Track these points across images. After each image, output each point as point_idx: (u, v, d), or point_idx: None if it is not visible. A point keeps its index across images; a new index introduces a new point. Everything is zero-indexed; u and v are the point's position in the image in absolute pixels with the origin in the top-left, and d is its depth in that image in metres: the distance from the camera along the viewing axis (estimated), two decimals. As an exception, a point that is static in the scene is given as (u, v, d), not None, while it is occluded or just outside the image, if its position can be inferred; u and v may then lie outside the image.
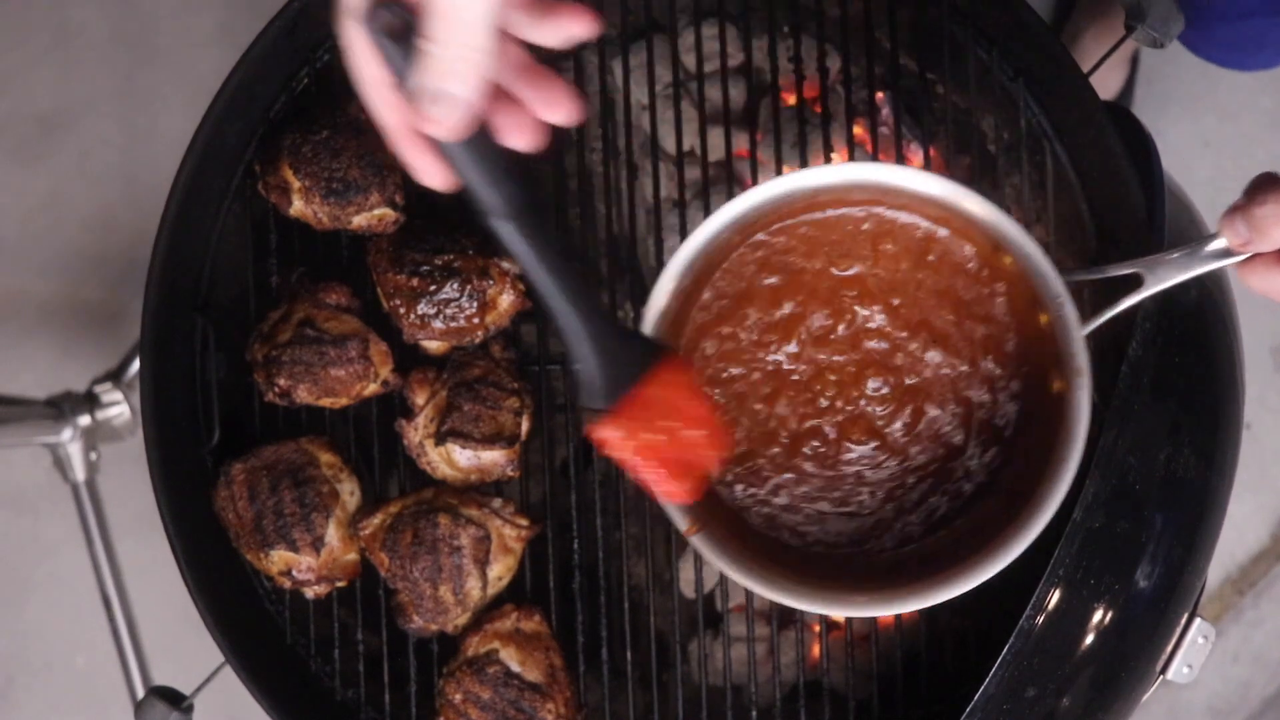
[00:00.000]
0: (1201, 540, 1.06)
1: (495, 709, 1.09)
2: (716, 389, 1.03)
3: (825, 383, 1.03)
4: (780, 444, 1.03)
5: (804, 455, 1.03)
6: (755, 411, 1.03)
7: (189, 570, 1.14)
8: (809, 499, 1.04)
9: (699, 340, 1.04)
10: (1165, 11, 1.13)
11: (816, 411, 1.03)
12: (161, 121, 1.75)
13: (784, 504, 1.04)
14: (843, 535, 1.03)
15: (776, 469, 1.03)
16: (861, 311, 1.03)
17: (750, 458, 1.03)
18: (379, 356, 1.14)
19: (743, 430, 1.03)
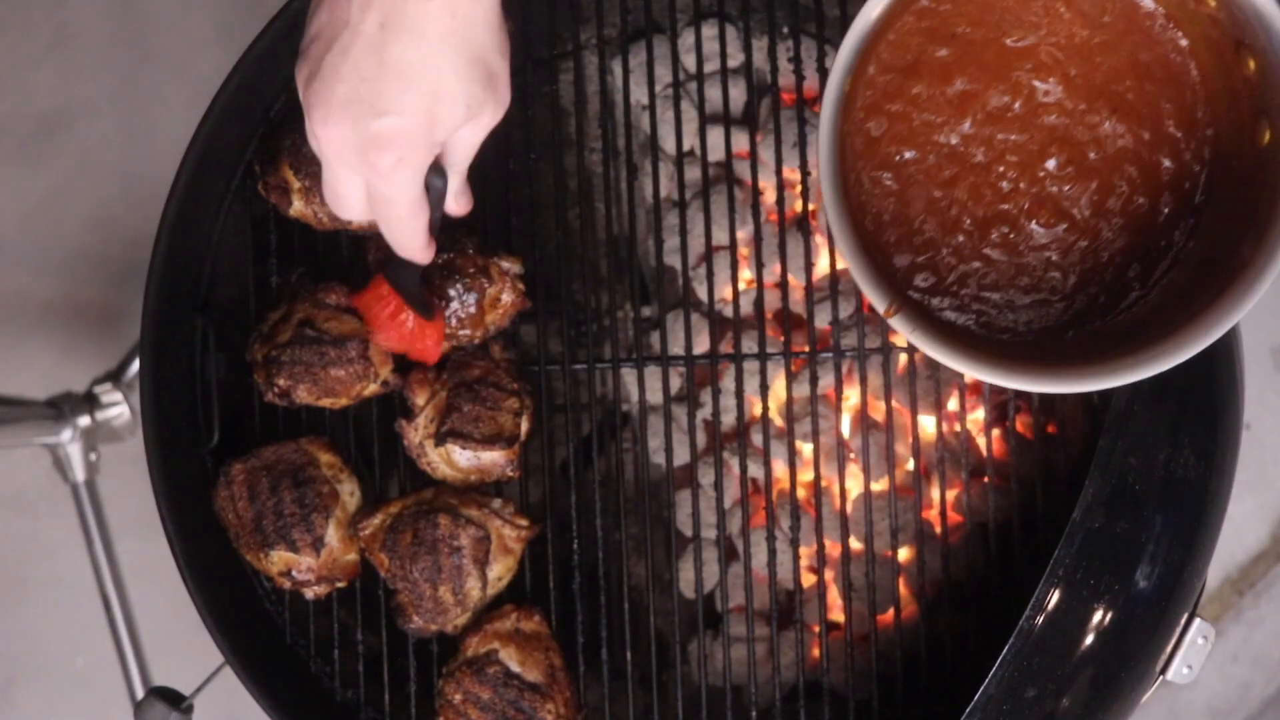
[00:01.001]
0: (1201, 540, 1.06)
1: (495, 709, 1.10)
2: (889, 173, 0.98)
3: (1006, 164, 0.97)
4: (964, 231, 0.98)
5: (990, 242, 0.98)
6: (935, 199, 0.98)
7: (189, 571, 1.14)
8: (996, 287, 0.99)
9: (866, 120, 0.98)
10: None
11: (999, 195, 0.97)
12: (162, 122, 1.75)
13: (971, 294, 0.98)
14: (1033, 322, 0.98)
15: (961, 259, 0.98)
16: (1039, 85, 0.96)
17: (932, 247, 0.98)
18: (379, 357, 1.14)
19: (923, 218, 0.98)
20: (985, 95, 0.97)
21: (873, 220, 1.00)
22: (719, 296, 1.23)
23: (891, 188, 0.99)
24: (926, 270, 0.99)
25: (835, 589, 1.22)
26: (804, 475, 1.20)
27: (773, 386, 1.21)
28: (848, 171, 0.98)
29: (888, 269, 0.99)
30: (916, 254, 0.99)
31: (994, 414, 1.20)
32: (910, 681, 1.16)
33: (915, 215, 0.99)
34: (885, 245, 1.00)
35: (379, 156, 0.85)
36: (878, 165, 0.98)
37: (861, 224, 0.99)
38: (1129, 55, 0.97)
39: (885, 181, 0.98)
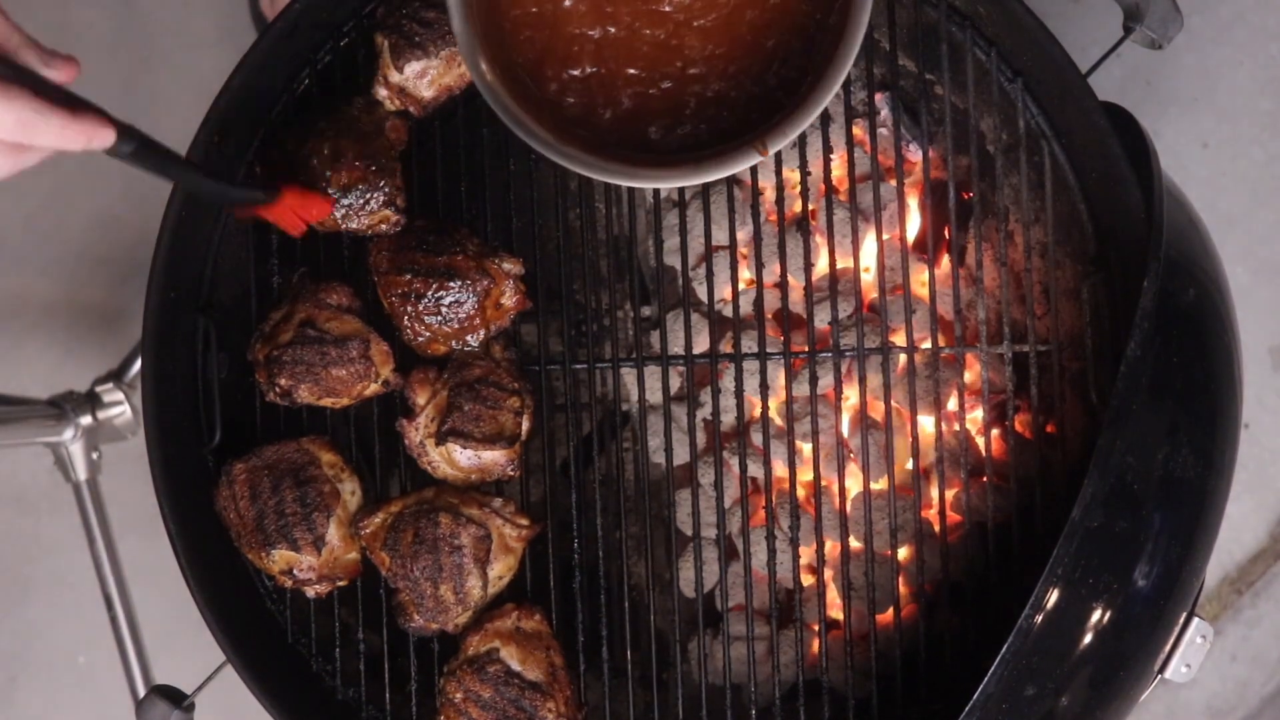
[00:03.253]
0: (1200, 539, 1.06)
1: (496, 708, 1.10)
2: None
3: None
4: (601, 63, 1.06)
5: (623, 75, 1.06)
6: (574, 36, 1.05)
7: (190, 569, 1.14)
8: (617, 83, 1.06)
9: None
10: (1164, 13, 1.14)
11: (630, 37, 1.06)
12: (163, 122, 1.74)
13: (593, 84, 1.06)
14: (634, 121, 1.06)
15: (601, 87, 1.06)
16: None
17: (575, 73, 1.06)
18: (380, 356, 1.14)
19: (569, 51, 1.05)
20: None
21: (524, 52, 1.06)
22: (719, 296, 1.24)
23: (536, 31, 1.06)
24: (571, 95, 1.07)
25: (835, 588, 1.22)
26: (804, 475, 1.20)
27: (773, 386, 1.21)
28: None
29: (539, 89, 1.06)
30: (564, 83, 1.06)
31: (993, 414, 1.20)
32: (909, 680, 1.16)
33: (561, 49, 1.05)
34: (540, 72, 1.07)
35: None
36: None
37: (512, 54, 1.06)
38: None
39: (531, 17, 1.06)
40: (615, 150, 1.05)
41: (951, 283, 1.20)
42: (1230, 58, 1.68)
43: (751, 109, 1.06)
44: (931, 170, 1.21)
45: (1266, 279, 1.67)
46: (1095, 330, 1.16)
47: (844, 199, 1.24)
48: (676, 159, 1.04)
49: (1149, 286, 1.01)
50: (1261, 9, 1.69)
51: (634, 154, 1.05)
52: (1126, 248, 1.13)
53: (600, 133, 1.06)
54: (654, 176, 1.03)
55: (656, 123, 1.06)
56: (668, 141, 1.06)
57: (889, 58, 1.20)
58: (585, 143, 1.04)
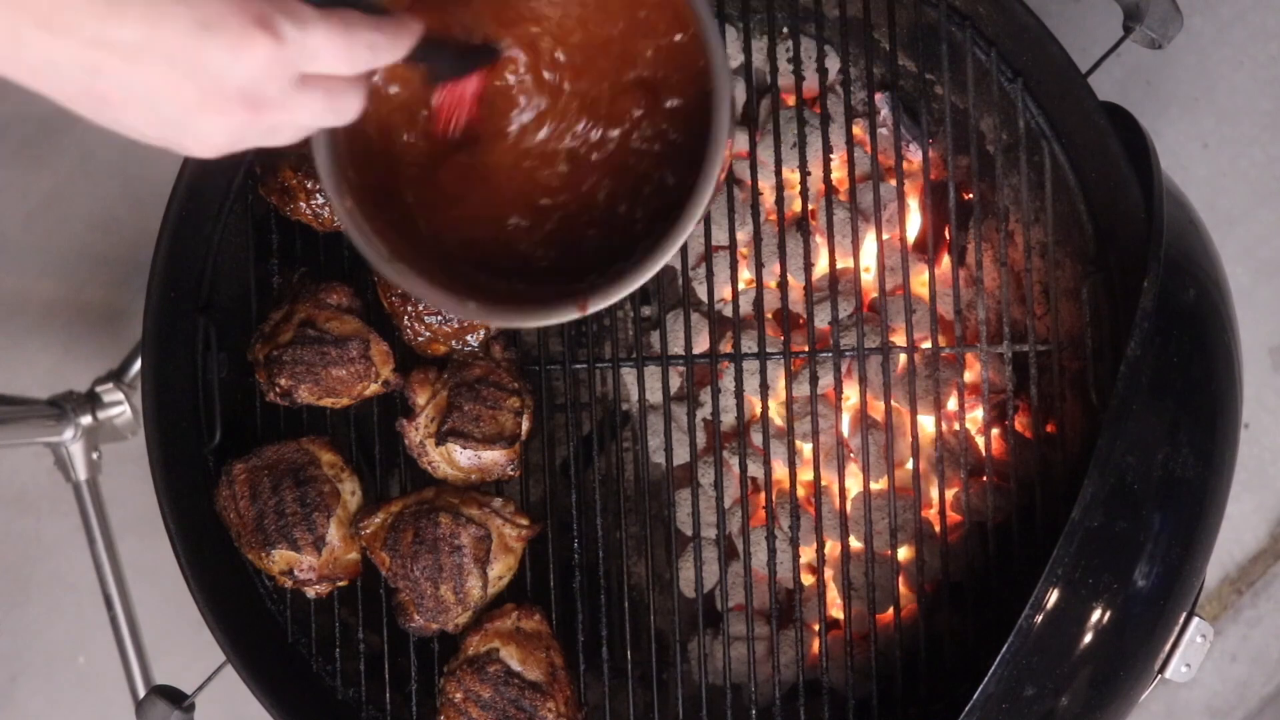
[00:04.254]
0: (1200, 539, 1.06)
1: (496, 708, 1.10)
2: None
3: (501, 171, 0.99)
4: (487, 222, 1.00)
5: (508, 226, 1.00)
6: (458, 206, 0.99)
7: (190, 570, 1.15)
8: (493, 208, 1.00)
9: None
10: (1164, 13, 1.14)
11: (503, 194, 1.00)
12: (163, 122, 1.75)
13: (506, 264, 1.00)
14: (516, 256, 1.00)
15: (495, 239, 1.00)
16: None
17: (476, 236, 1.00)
18: (380, 356, 1.14)
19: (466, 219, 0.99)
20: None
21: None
22: (719, 296, 1.24)
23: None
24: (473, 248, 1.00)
25: (835, 588, 1.22)
26: (804, 475, 1.20)
27: (773, 386, 1.21)
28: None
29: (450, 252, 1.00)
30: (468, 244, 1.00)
31: (993, 414, 1.20)
32: (909, 680, 1.16)
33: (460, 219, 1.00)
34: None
35: (235, 103, 0.70)
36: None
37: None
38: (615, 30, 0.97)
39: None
40: (459, 272, 0.98)
41: (951, 283, 1.20)
42: (1230, 58, 1.68)
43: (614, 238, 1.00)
44: (931, 170, 1.22)
45: (1266, 279, 1.66)
46: (1095, 330, 1.16)
47: (844, 199, 1.24)
48: (507, 296, 0.98)
49: (1149, 286, 1.01)
50: (1261, 9, 1.69)
51: (478, 279, 0.99)
52: (1126, 248, 1.13)
53: (454, 250, 1.00)
54: (479, 312, 0.96)
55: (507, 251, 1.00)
56: (521, 266, 1.00)
57: (889, 58, 1.20)
58: (435, 262, 0.98)
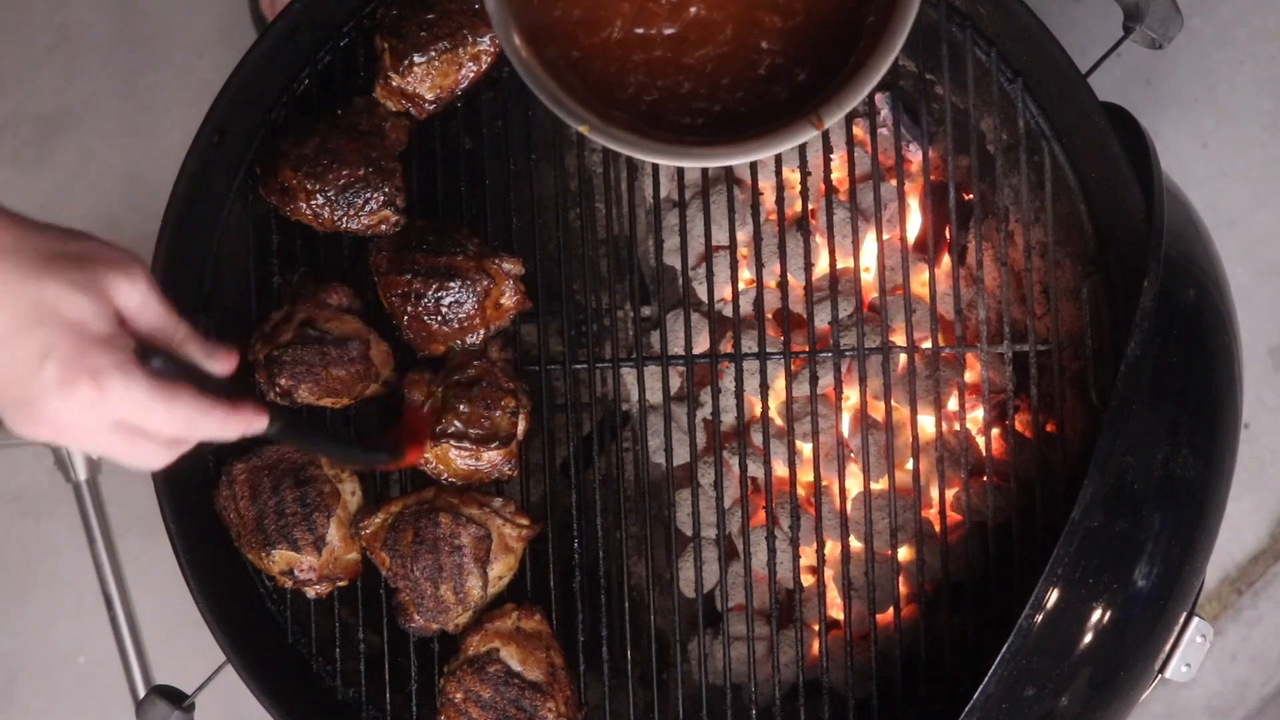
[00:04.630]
0: (1200, 539, 1.06)
1: (496, 708, 1.10)
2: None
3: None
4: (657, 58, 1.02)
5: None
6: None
7: (190, 570, 1.14)
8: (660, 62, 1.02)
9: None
10: (1164, 13, 1.14)
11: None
12: (163, 123, 1.75)
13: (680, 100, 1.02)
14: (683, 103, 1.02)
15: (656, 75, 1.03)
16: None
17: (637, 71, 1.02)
18: (380, 357, 1.14)
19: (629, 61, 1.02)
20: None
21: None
22: (719, 296, 1.24)
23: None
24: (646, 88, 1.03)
25: (835, 588, 1.22)
26: (804, 475, 1.20)
27: (773, 386, 1.21)
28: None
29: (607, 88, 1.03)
30: (603, 61, 1.02)
31: (993, 413, 1.20)
32: (909, 680, 1.16)
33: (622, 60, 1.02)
34: (576, 47, 1.03)
35: (68, 436, 0.77)
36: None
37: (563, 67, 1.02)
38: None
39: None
40: (656, 131, 1.00)
41: (952, 283, 1.20)
42: (1230, 58, 1.68)
43: (794, 86, 1.01)
44: (931, 170, 1.21)
45: (1266, 279, 1.66)
46: (1095, 330, 1.16)
47: (844, 199, 1.24)
48: (722, 138, 0.99)
49: (1149, 286, 1.01)
50: (1261, 9, 1.69)
51: (676, 135, 1.01)
52: (1126, 248, 1.13)
53: (639, 113, 1.02)
54: (702, 155, 0.98)
55: (694, 103, 1.02)
56: (702, 125, 1.02)
57: (889, 58, 1.20)
58: (626, 123, 1.00)
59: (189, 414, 0.80)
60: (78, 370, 0.75)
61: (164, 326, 0.81)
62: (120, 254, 0.80)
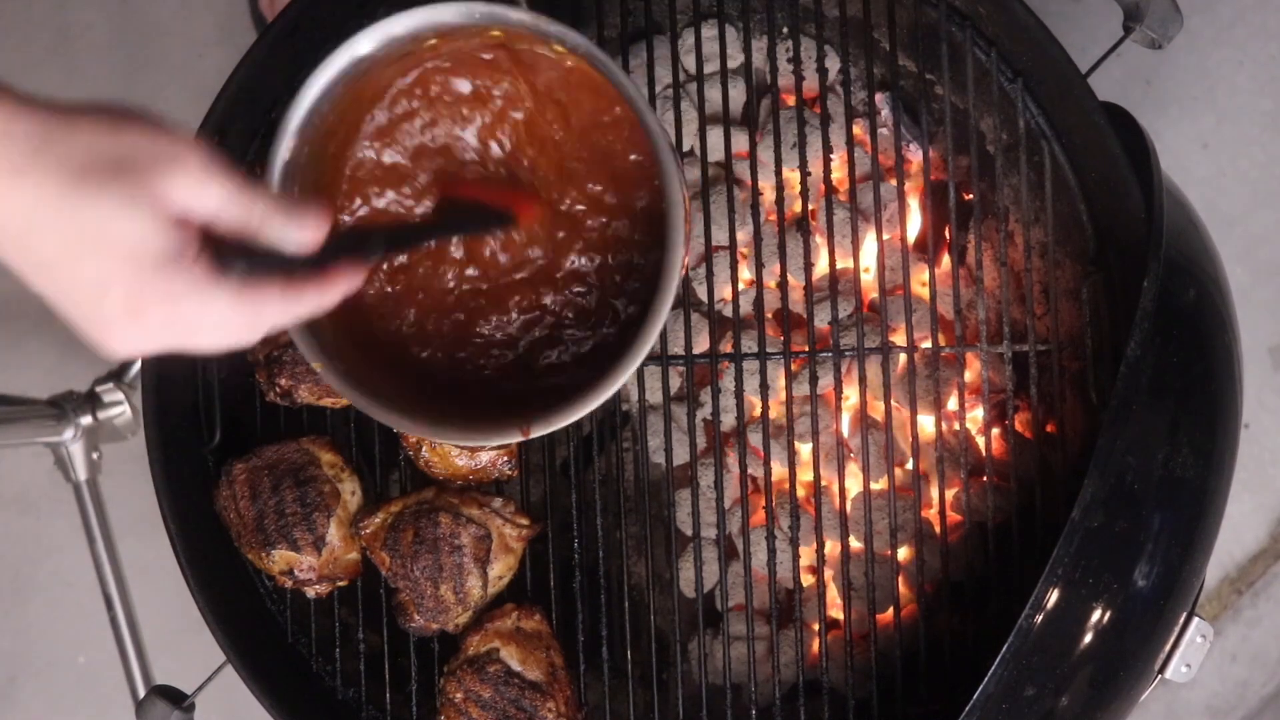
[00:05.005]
0: (1200, 539, 1.06)
1: (496, 708, 1.10)
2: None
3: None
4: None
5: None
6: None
7: (190, 570, 1.14)
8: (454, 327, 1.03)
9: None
10: (1164, 13, 1.14)
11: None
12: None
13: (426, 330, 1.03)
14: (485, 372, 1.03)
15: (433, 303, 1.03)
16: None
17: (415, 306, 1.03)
18: (380, 356, 1.14)
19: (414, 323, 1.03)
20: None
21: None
22: (719, 296, 1.24)
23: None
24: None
25: (835, 588, 1.22)
26: (804, 474, 1.20)
27: (773, 386, 1.21)
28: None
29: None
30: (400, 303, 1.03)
31: (993, 413, 1.20)
32: (909, 680, 1.16)
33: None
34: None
35: (130, 338, 0.69)
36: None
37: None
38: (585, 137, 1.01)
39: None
40: (401, 381, 1.01)
41: (951, 282, 1.20)
42: (1230, 58, 1.68)
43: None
44: (931, 170, 1.22)
45: (1266, 279, 1.66)
46: (1095, 330, 1.16)
47: (844, 199, 1.24)
48: (449, 413, 0.99)
49: (1149, 286, 1.01)
50: (1261, 9, 1.69)
51: (417, 398, 1.00)
52: (1126, 248, 1.13)
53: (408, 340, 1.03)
54: (418, 428, 0.98)
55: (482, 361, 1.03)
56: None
57: (889, 58, 1.20)
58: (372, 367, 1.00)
59: (278, 309, 0.73)
60: (144, 300, 0.67)
61: (237, 213, 0.71)
62: (169, 143, 0.68)
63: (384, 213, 1.02)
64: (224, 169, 0.70)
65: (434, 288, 1.03)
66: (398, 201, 1.02)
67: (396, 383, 1.00)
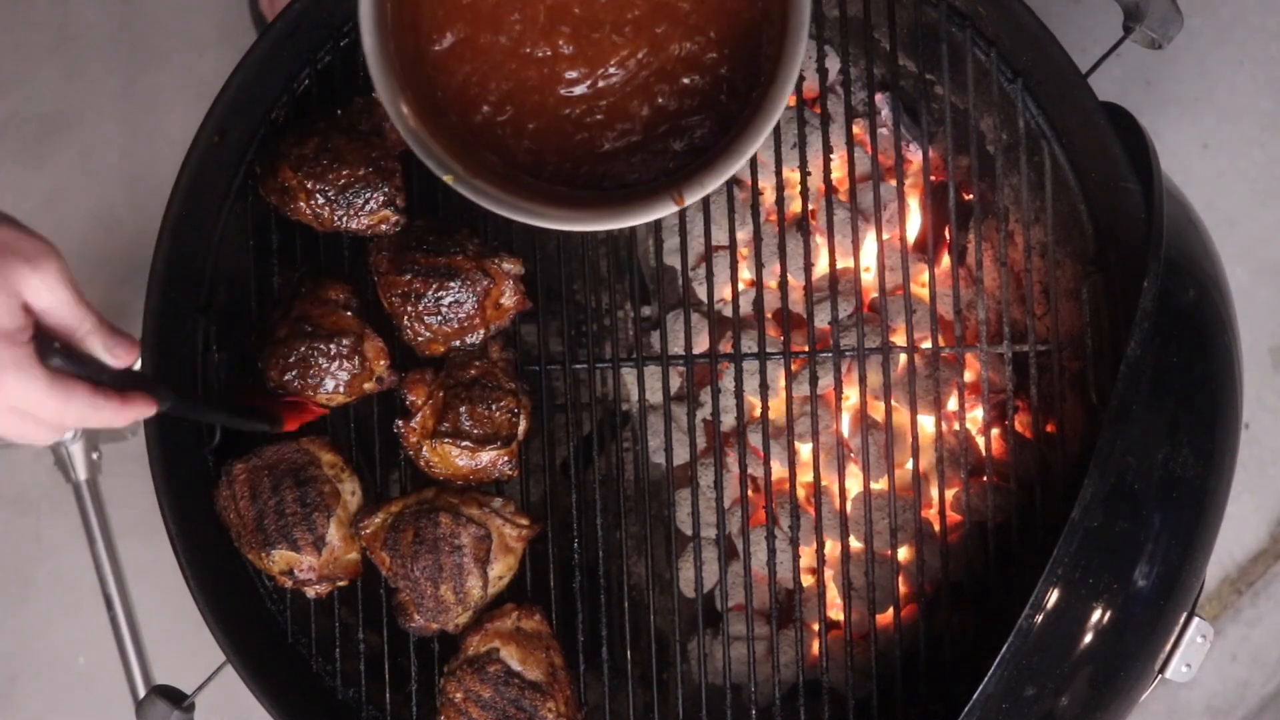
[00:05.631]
0: (1200, 539, 1.06)
1: (496, 707, 1.10)
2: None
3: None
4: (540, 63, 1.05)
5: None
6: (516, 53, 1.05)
7: (190, 570, 1.14)
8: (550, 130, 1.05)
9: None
10: (1164, 13, 1.14)
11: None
12: (163, 122, 1.75)
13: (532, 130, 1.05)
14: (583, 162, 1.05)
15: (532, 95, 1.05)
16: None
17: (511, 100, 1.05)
18: (373, 352, 1.14)
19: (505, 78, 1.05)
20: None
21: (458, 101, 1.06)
22: (719, 296, 1.24)
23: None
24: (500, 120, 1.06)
25: (835, 588, 1.22)
26: (803, 475, 1.20)
27: (773, 386, 1.21)
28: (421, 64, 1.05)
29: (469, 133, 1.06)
30: (499, 107, 1.06)
31: (993, 414, 1.20)
32: (909, 680, 1.16)
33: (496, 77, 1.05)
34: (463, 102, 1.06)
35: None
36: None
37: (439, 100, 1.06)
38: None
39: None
40: (534, 185, 1.03)
41: (951, 283, 1.20)
42: (1230, 58, 1.68)
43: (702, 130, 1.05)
44: (932, 170, 1.21)
45: (1266, 279, 1.66)
46: (1095, 330, 1.16)
47: (844, 199, 1.24)
48: (591, 198, 1.02)
49: (1149, 286, 1.01)
50: (1261, 9, 1.69)
51: (557, 190, 1.03)
52: (1126, 248, 1.13)
53: (527, 165, 1.05)
54: (565, 218, 1.01)
55: (579, 157, 1.05)
56: (598, 173, 1.05)
57: (889, 58, 1.20)
58: (502, 178, 1.03)
59: (82, 409, 0.83)
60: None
61: (70, 320, 0.83)
62: (34, 244, 0.81)
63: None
64: (71, 279, 0.83)
65: (547, 112, 1.04)
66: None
67: (525, 190, 1.02)
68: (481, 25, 1.04)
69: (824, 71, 1.21)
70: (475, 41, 1.04)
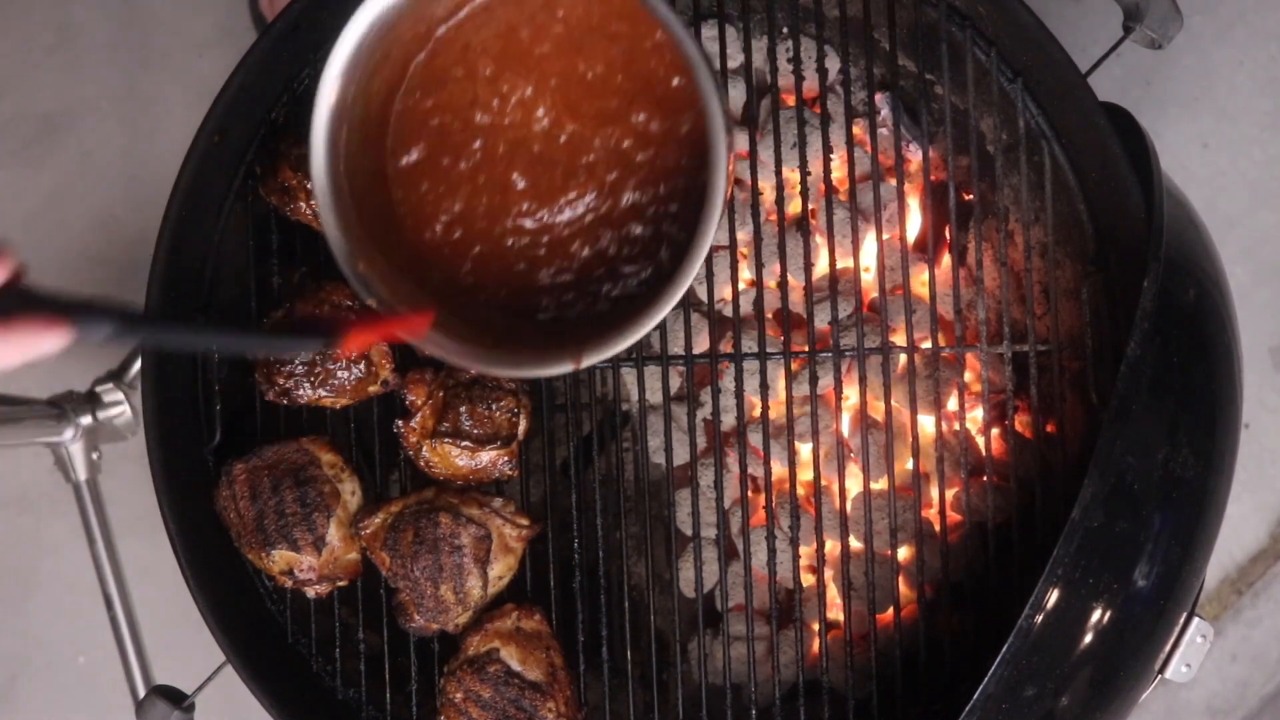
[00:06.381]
0: (1200, 539, 1.06)
1: (496, 707, 1.10)
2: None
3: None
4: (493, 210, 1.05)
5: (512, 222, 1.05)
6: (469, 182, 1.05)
7: (190, 570, 1.14)
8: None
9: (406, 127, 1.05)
10: (1164, 13, 1.14)
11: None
12: (163, 122, 1.75)
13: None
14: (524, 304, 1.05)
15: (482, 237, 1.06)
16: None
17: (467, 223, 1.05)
18: (379, 356, 1.14)
19: (460, 200, 1.05)
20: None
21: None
22: (719, 296, 1.24)
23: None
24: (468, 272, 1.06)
25: (835, 588, 1.22)
26: (804, 474, 1.20)
27: (773, 386, 1.21)
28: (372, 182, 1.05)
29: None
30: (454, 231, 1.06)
31: (993, 414, 1.20)
32: (909, 680, 1.16)
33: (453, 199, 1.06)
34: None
35: None
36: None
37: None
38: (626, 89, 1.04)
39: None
40: (448, 323, 1.03)
41: (951, 283, 1.20)
42: (1230, 58, 1.68)
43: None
44: (932, 170, 1.21)
45: (1266, 279, 1.66)
46: (1095, 330, 1.16)
47: (844, 199, 1.24)
48: (500, 343, 1.03)
49: (1149, 286, 1.01)
50: (1261, 9, 1.69)
51: (479, 321, 1.04)
52: (1126, 248, 1.13)
53: (466, 287, 1.06)
54: (473, 357, 1.01)
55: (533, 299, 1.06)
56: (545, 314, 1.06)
57: (889, 58, 1.20)
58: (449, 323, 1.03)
59: (25, 340, 0.76)
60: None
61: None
62: None
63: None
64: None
65: (492, 239, 1.05)
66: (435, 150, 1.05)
67: (448, 319, 1.02)
68: (445, 148, 1.05)
69: (824, 71, 1.21)
70: (437, 162, 1.05)
